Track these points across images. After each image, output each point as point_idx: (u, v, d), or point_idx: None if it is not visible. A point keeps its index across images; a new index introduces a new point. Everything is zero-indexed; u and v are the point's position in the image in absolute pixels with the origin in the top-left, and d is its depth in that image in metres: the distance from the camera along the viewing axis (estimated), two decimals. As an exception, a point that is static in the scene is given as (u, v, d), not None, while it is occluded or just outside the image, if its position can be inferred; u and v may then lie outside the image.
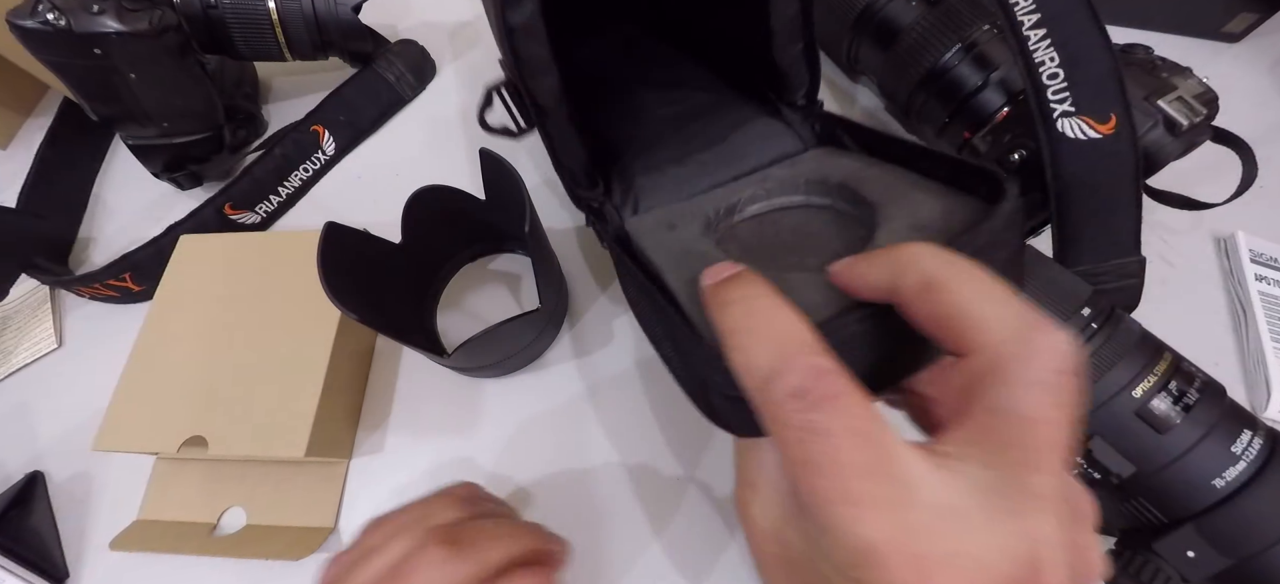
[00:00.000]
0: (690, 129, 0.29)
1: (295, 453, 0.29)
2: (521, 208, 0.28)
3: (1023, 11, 0.27)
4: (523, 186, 0.29)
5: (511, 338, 0.31)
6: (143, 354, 0.32)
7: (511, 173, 0.29)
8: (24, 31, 0.32)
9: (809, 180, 0.24)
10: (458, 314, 0.37)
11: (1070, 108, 0.27)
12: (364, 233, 0.32)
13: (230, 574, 0.31)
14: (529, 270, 0.37)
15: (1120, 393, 0.23)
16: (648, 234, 0.24)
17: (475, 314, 0.37)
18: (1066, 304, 0.25)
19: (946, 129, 0.35)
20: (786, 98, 0.28)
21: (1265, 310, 0.33)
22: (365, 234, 0.32)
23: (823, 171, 0.24)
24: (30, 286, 0.41)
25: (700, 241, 0.23)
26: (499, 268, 0.38)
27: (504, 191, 0.31)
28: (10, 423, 0.37)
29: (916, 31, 0.34)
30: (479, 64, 0.48)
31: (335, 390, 0.31)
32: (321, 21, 0.40)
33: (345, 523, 0.32)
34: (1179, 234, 0.36)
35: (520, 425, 0.33)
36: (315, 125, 0.43)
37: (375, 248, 0.32)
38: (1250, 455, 0.22)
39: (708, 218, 0.24)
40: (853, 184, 0.22)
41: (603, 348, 0.35)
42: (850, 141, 0.25)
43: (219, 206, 0.40)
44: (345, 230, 0.29)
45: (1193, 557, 0.22)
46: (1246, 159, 0.28)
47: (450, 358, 0.29)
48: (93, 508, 0.34)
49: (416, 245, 0.33)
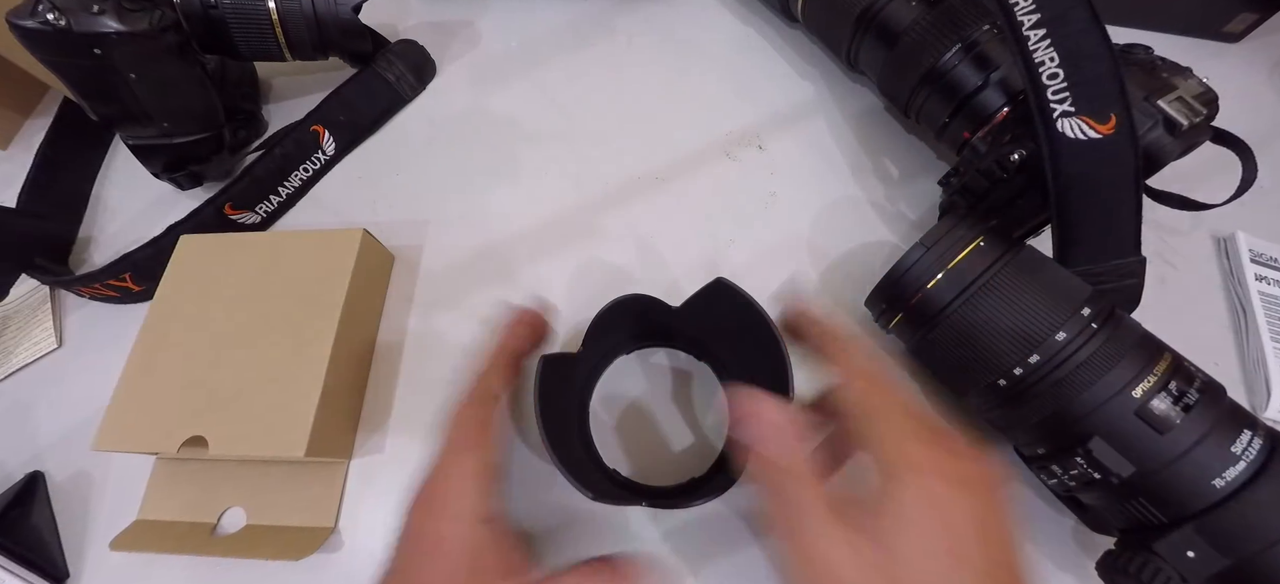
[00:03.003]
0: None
1: (295, 453, 0.29)
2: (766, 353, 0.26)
3: (1023, 11, 0.27)
4: (776, 334, 0.26)
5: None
6: (143, 354, 0.32)
7: (762, 315, 0.27)
8: (24, 31, 0.32)
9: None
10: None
11: (1070, 108, 0.27)
12: (568, 357, 0.29)
13: (230, 574, 0.31)
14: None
15: (1120, 393, 0.23)
16: None
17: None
18: (1066, 304, 0.25)
19: (946, 129, 0.35)
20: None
21: (1265, 310, 0.33)
22: (568, 358, 0.29)
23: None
24: (30, 286, 0.41)
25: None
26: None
27: (722, 318, 0.29)
28: (10, 423, 0.37)
29: (916, 31, 0.34)
30: (479, 64, 0.48)
31: (335, 390, 0.31)
32: (321, 21, 0.40)
33: (345, 523, 0.32)
34: (1179, 234, 0.36)
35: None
36: (315, 125, 0.43)
37: (566, 367, 0.29)
38: (1250, 455, 0.22)
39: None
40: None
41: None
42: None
43: (219, 206, 0.40)
44: (560, 360, 0.27)
45: (1193, 557, 0.22)
46: (1246, 159, 0.28)
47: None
48: (93, 508, 0.34)
49: (594, 353, 0.31)
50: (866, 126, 0.42)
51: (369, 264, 0.36)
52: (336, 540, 0.31)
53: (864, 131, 0.42)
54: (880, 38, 0.36)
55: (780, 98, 0.44)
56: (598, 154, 0.42)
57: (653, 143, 0.42)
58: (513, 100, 0.45)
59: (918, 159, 0.40)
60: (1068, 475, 0.25)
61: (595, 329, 0.29)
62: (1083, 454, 0.24)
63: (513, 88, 0.46)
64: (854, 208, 0.39)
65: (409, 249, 0.40)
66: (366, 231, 0.35)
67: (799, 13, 0.43)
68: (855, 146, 0.41)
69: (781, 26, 0.47)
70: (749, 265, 0.37)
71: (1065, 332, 0.25)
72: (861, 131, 0.42)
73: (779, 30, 0.47)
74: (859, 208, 0.39)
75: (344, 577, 0.31)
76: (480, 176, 0.42)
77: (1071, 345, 0.24)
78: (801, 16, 0.43)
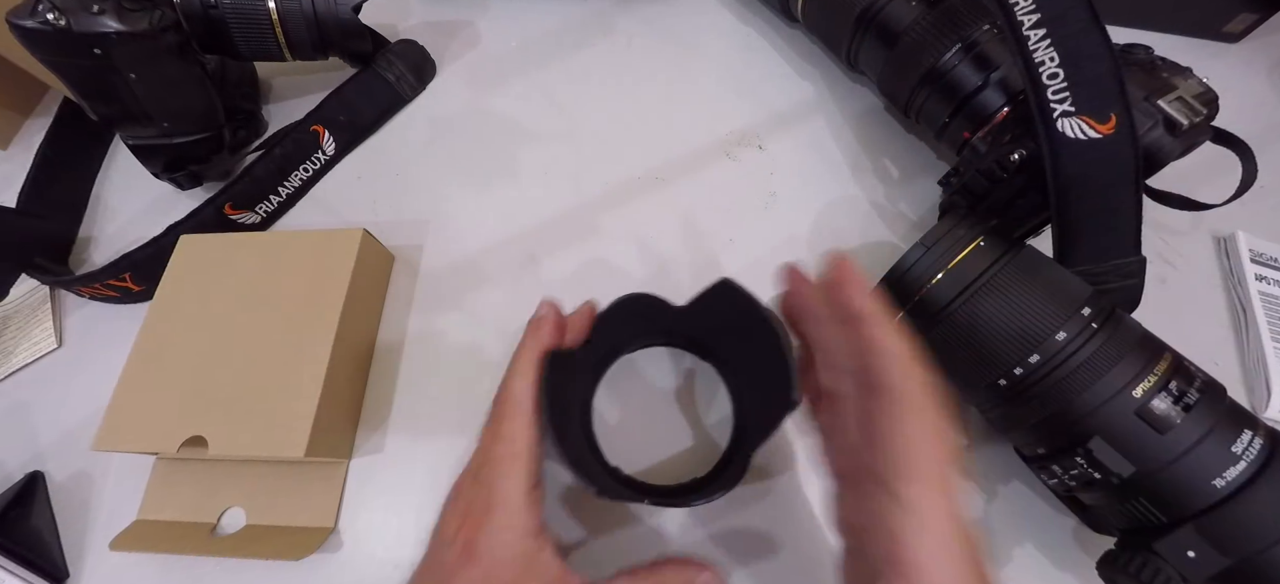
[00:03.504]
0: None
1: (295, 453, 0.29)
2: (772, 358, 0.26)
3: (1022, 11, 0.27)
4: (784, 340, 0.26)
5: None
6: (142, 354, 0.32)
7: (766, 316, 0.27)
8: (24, 31, 0.32)
9: None
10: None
11: (1070, 108, 0.27)
12: (571, 353, 0.28)
13: (230, 574, 0.31)
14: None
15: (1120, 393, 0.23)
16: None
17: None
18: (1067, 304, 0.25)
19: (946, 129, 0.35)
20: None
21: (1265, 310, 0.33)
22: (571, 354, 0.28)
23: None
24: (30, 286, 0.41)
25: None
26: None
27: (727, 318, 0.29)
28: (10, 423, 0.37)
29: (916, 31, 0.34)
30: (479, 64, 0.48)
31: (335, 390, 0.31)
32: (321, 21, 0.40)
33: (345, 523, 0.32)
34: (1179, 234, 0.36)
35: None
36: (315, 125, 0.43)
37: (570, 362, 0.28)
38: (1250, 455, 0.22)
39: None
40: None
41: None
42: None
43: (219, 206, 0.40)
44: (564, 356, 0.26)
45: (1193, 557, 0.22)
46: (1246, 159, 0.28)
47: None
48: (93, 508, 0.34)
49: (597, 351, 0.31)
50: (866, 126, 0.42)
51: (369, 264, 0.36)
52: (336, 540, 0.31)
53: (864, 131, 0.42)
54: (880, 38, 0.36)
55: (780, 98, 0.44)
56: (598, 154, 0.42)
57: (652, 143, 0.42)
58: (513, 100, 0.45)
59: (918, 159, 0.40)
60: (1068, 475, 0.25)
61: (599, 327, 0.29)
62: (1083, 454, 0.24)
63: (513, 88, 0.46)
64: (854, 208, 0.39)
65: (409, 249, 0.40)
66: (366, 232, 0.35)
67: (799, 13, 0.43)
68: (855, 146, 0.41)
69: (781, 26, 0.47)
70: (749, 265, 0.37)
71: (1065, 331, 0.25)
72: (861, 131, 0.42)
73: (779, 30, 0.47)
74: (859, 208, 0.39)
75: (344, 577, 0.31)
76: (480, 176, 0.42)
77: (1072, 345, 0.24)
78: (801, 16, 0.43)
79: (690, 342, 0.34)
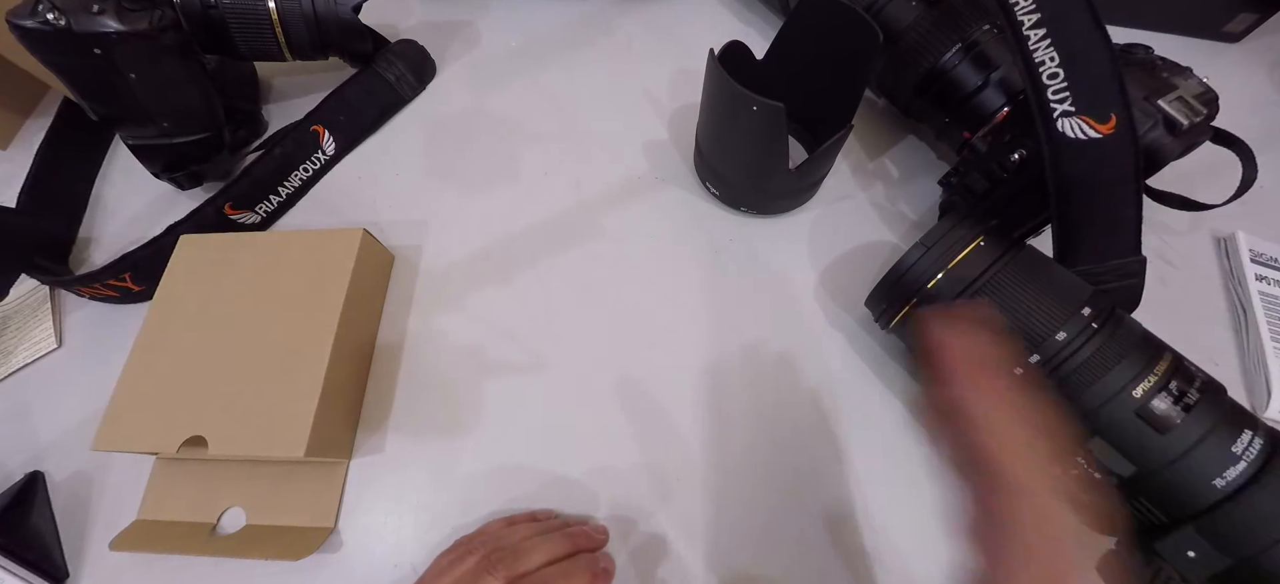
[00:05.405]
0: None
1: (295, 453, 0.29)
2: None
3: (1023, 11, 0.27)
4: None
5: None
6: (142, 354, 0.32)
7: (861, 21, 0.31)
8: (24, 31, 0.32)
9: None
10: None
11: (1070, 108, 0.27)
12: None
13: (230, 574, 0.31)
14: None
15: (1121, 393, 0.23)
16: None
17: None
18: (1067, 304, 0.25)
19: (947, 129, 0.35)
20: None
21: (1265, 310, 0.33)
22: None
23: None
24: (30, 286, 0.41)
25: None
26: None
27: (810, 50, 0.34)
28: (10, 423, 0.37)
29: (916, 31, 0.34)
30: (479, 64, 0.48)
31: (335, 390, 0.31)
32: (321, 21, 0.40)
33: (345, 523, 0.32)
34: (1179, 234, 0.36)
35: (521, 425, 0.33)
36: (315, 125, 0.43)
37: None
38: (1251, 455, 0.22)
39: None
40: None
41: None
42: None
43: (219, 206, 0.40)
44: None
45: (1193, 556, 0.22)
46: (1246, 159, 0.28)
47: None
48: (93, 508, 0.34)
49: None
50: (866, 126, 0.42)
51: (369, 264, 0.36)
52: (336, 540, 0.31)
53: (864, 131, 0.42)
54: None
55: (780, 98, 0.44)
56: (598, 154, 0.42)
57: (653, 142, 0.42)
58: (513, 100, 0.45)
59: (918, 159, 0.40)
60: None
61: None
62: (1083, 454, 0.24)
63: (513, 88, 0.46)
64: (854, 208, 0.39)
65: (409, 249, 0.40)
66: (366, 231, 0.35)
67: (799, 13, 0.43)
68: (855, 146, 0.41)
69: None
70: (749, 265, 0.37)
71: (1066, 331, 0.25)
72: (861, 131, 0.42)
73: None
74: (859, 208, 0.39)
75: (344, 577, 0.31)
76: (480, 176, 0.42)
77: (1072, 345, 0.24)
78: (801, 16, 0.43)
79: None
